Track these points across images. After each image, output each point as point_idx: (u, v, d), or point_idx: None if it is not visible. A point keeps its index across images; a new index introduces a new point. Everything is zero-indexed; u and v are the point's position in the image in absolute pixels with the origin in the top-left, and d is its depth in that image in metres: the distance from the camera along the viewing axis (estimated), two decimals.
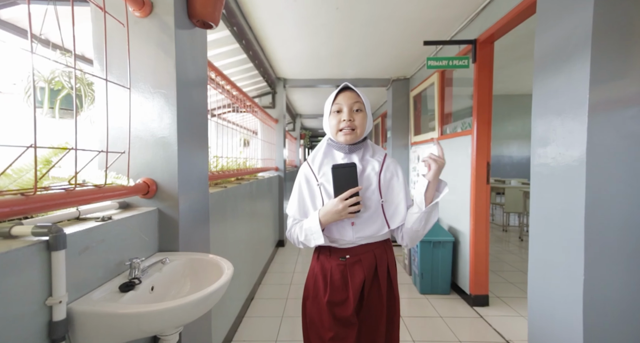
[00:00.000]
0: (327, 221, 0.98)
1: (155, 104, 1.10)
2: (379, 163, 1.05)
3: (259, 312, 2.44)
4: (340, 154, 1.07)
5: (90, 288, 0.80)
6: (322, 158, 1.08)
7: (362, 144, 1.07)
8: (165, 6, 1.09)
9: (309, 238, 1.01)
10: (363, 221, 1.02)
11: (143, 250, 1.02)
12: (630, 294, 1.12)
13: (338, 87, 1.05)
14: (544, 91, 1.34)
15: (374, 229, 1.02)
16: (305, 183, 1.08)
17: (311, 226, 1.00)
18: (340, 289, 1.04)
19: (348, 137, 1.01)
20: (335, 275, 1.04)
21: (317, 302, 1.07)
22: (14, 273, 0.60)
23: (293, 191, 1.11)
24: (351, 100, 1.01)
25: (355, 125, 1.01)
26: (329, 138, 1.09)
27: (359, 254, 1.04)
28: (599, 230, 1.12)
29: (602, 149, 1.11)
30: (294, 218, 1.09)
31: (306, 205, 1.07)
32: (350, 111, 1.01)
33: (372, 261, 1.05)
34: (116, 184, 0.94)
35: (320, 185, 1.05)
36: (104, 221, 0.85)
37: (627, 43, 1.08)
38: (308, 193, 1.07)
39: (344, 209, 0.95)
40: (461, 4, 2.26)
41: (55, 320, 0.67)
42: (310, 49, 3.18)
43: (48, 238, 0.66)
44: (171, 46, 1.10)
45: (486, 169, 2.45)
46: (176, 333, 0.94)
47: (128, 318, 0.74)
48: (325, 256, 1.08)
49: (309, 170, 1.08)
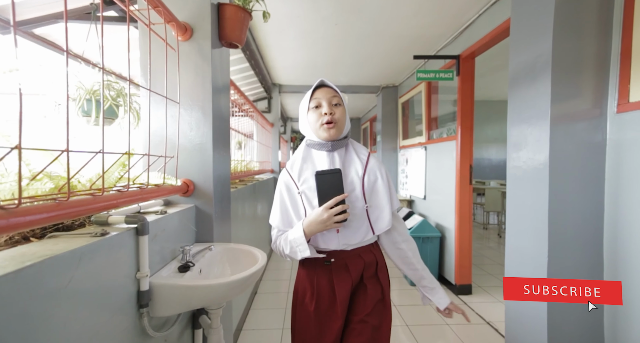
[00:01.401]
0: (312, 231, 0.92)
1: (193, 115, 1.28)
2: (362, 164, 0.99)
3: (263, 304, 2.62)
4: (321, 154, 0.99)
5: (158, 267, 0.98)
6: (302, 163, 1.00)
7: (344, 141, 1.00)
8: (203, 31, 1.28)
9: (294, 251, 0.94)
10: (348, 229, 0.96)
11: (188, 240, 1.20)
12: (585, 271, 1.39)
13: (315, 84, 1.00)
14: (517, 104, 1.60)
15: (360, 235, 0.97)
16: (287, 192, 1.00)
17: (296, 238, 0.93)
18: (327, 297, 0.99)
19: (332, 131, 0.95)
20: (322, 281, 0.99)
21: (304, 309, 1.02)
22: (118, 250, 0.78)
23: (274, 201, 1.03)
24: (329, 94, 0.97)
25: (337, 118, 0.95)
26: (307, 140, 1.02)
27: (344, 257, 0.98)
28: (559, 221, 1.38)
29: (562, 155, 1.37)
30: (278, 229, 1.02)
31: (289, 215, 0.99)
32: (330, 104, 0.96)
33: (359, 266, 0.99)
34: (167, 184, 1.12)
35: (301, 193, 0.97)
36: (162, 215, 1.03)
37: (580, 70, 1.35)
38: (290, 202, 0.99)
39: (329, 218, 0.88)
40: (445, 24, 2.53)
41: (142, 290, 0.85)
42: (307, 59, 3.40)
43: (137, 225, 0.84)
44: (207, 65, 1.29)
45: (469, 171, 2.72)
46: (219, 309, 1.13)
47: (190, 290, 0.93)
48: (309, 260, 1.01)
49: (289, 178, 1.00)
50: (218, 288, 0.95)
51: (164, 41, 1.09)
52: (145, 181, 0.97)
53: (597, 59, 1.35)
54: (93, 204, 0.70)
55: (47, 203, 0.59)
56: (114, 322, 0.76)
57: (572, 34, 1.35)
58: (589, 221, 1.38)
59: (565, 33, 1.34)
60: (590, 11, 1.34)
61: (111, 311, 0.75)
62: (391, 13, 2.35)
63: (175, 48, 1.19)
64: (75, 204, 0.64)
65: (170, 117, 1.24)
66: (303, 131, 1.03)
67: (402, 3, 2.20)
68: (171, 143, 1.25)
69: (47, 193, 0.65)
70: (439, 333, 2.17)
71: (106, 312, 0.73)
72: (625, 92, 1.26)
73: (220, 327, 1.14)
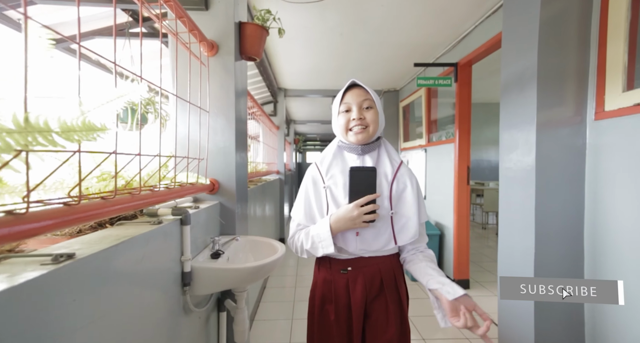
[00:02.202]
0: (339, 228, 0.89)
1: (219, 121, 1.44)
2: (393, 170, 0.95)
3: (272, 298, 2.77)
4: (352, 156, 0.97)
5: (195, 254, 1.14)
6: (331, 160, 0.99)
7: (376, 144, 0.97)
8: (228, 48, 1.44)
9: (316, 246, 0.91)
10: (369, 233, 0.92)
11: (215, 232, 1.36)
12: (567, 265, 1.54)
13: (346, 85, 0.97)
14: (508, 111, 1.76)
15: (380, 243, 0.93)
16: (312, 186, 0.99)
17: (320, 233, 0.90)
18: (345, 306, 0.96)
19: (359, 136, 0.92)
20: (340, 290, 0.96)
21: (325, 317, 0.98)
22: (169, 237, 0.94)
23: (299, 194, 1.02)
24: (360, 97, 0.93)
25: (367, 122, 0.92)
26: (339, 141, 1.01)
27: (361, 267, 0.95)
28: (544, 218, 1.53)
29: (546, 158, 1.53)
30: (299, 224, 1.00)
31: (312, 210, 0.97)
32: (360, 108, 0.93)
33: (376, 277, 0.95)
34: (199, 183, 1.28)
35: (326, 188, 0.96)
36: (196, 209, 1.19)
37: (562, 82, 1.51)
38: (314, 196, 0.98)
39: (358, 216, 0.86)
40: (444, 34, 2.69)
41: (185, 271, 1.01)
42: (312, 65, 3.56)
43: (181, 216, 1.00)
44: (231, 77, 1.45)
45: (466, 173, 2.88)
46: (244, 292, 1.29)
47: (223, 273, 1.09)
48: (325, 268, 0.99)
49: (317, 171, 0.99)
50: (245, 271, 1.11)
51: (199, 60, 1.25)
52: (183, 180, 1.13)
53: (577, 72, 1.51)
54: (150, 199, 0.86)
55: (123, 197, 0.75)
56: (165, 297, 0.92)
57: (555, 50, 1.51)
58: (571, 218, 1.54)
59: (549, 49, 1.50)
60: (571, 30, 1.50)
61: (164, 287, 0.91)
62: (393, 24, 2.52)
63: (206, 64, 1.35)
64: (142, 198, 0.80)
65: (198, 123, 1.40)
66: (335, 132, 1.01)
67: (404, 15, 2.37)
68: (201, 146, 1.41)
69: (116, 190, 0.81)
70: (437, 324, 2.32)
71: (160, 287, 0.89)
72: (601, 102, 1.42)
73: (245, 308, 1.29)
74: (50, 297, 0.49)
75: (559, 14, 1.49)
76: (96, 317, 0.60)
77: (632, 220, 1.30)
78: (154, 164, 0.94)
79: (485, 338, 0.78)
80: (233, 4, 1.45)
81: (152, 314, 0.84)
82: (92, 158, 0.73)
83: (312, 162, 1.08)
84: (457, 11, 2.31)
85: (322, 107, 5.83)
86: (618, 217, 1.36)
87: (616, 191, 1.36)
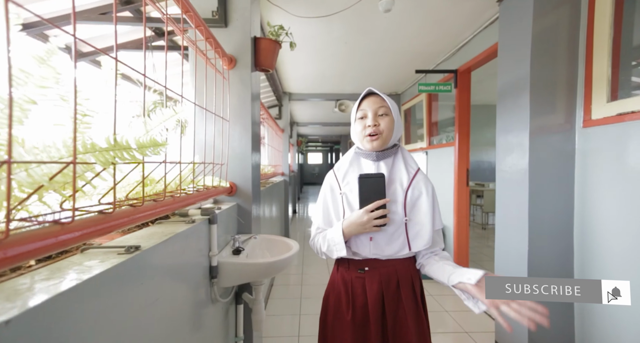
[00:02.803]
0: (351, 233, 0.93)
1: (236, 129, 1.57)
2: (409, 177, 0.97)
3: (280, 295, 2.90)
4: (368, 163, 1.00)
5: (218, 250, 1.26)
6: (348, 167, 1.03)
7: (391, 151, 0.99)
8: (245, 61, 1.57)
9: (331, 249, 0.97)
10: (383, 238, 0.95)
11: (233, 231, 1.49)
12: (558, 260, 1.66)
13: (362, 93, 1.00)
14: (504, 117, 1.88)
15: (394, 249, 0.95)
16: (330, 192, 1.04)
17: (334, 237, 0.95)
18: (362, 307, 0.97)
19: (375, 143, 0.95)
20: (357, 290, 0.98)
21: (340, 317, 1.00)
22: (200, 234, 1.06)
23: (318, 199, 1.08)
24: (376, 105, 0.96)
25: (381, 130, 0.95)
26: (356, 147, 1.05)
27: (378, 267, 0.97)
28: (537, 217, 1.66)
29: (539, 161, 1.65)
30: (318, 227, 1.05)
31: (330, 215, 1.03)
32: (375, 115, 0.96)
33: (393, 277, 0.97)
34: (220, 186, 1.40)
35: (342, 194, 1.00)
36: (219, 210, 1.31)
37: (553, 92, 1.63)
38: (332, 202, 1.03)
39: (368, 221, 0.89)
40: (444, 42, 2.82)
41: (213, 265, 1.14)
42: (316, 71, 3.69)
43: (209, 216, 1.12)
44: (247, 88, 1.58)
45: (466, 174, 3.00)
46: (261, 285, 1.41)
47: (245, 267, 1.21)
48: (344, 268, 1.03)
49: (334, 179, 1.04)
50: (264, 266, 1.23)
51: (222, 75, 1.38)
52: (209, 184, 1.26)
53: (567, 82, 1.63)
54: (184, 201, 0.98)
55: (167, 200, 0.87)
56: (196, 287, 1.04)
57: (546, 62, 1.64)
58: (562, 218, 1.66)
59: (541, 61, 1.62)
60: (561, 44, 1.62)
61: (195, 279, 1.03)
62: (395, 33, 2.65)
63: (226, 77, 1.48)
64: (179, 200, 0.92)
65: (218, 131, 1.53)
66: (353, 139, 1.05)
67: (406, 25, 2.49)
68: (221, 152, 1.54)
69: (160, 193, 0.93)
70: (439, 319, 2.44)
71: (193, 278, 1.01)
72: (588, 111, 1.54)
73: (262, 300, 1.42)
74: (128, 279, 0.61)
75: (549, 29, 1.61)
76: (155, 299, 0.72)
77: (616, 219, 1.42)
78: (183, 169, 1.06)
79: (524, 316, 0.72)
80: (250, 21, 1.57)
81: (186, 302, 0.96)
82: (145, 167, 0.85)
83: (314, 164, 1.17)
84: (455, 22, 2.43)
85: (325, 109, 5.96)
86: (604, 217, 1.48)
87: (602, 193, 1.49)
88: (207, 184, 1.29)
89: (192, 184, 1.13)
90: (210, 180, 1.35)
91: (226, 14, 1.54)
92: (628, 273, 1.36)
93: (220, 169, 1.42)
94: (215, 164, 1.31)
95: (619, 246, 1.41)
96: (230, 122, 1.55)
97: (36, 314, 0.40)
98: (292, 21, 2.29)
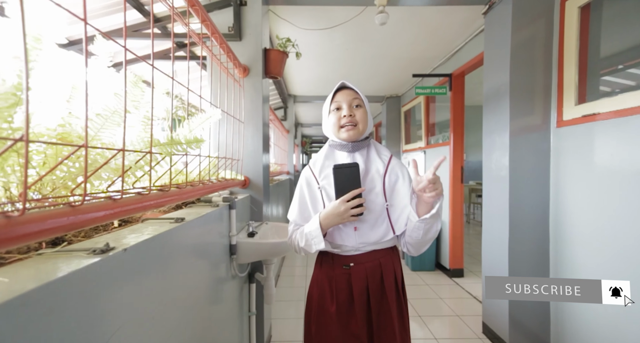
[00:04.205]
0: (329, 224, 0.92)
1: (249, 129, 1.79)
2: (384, 164, 1.00)
3: (286, 284, 3.11)
4: (343, 154, 1.01)
5: (236, 232, 1.48)
6: (324, 161, 1.03)
7: (365, 142, 1.01)
8: (257, 70, 1.79)
9: (309, 243, 0.95)
10: (367, 226, 0.96)
11: (247, 218, 1.71)
12: (535, 246, 1.85)
13: (336, 86, 1.02)
14: (488, 119, 2.08)
15: (379, 234, 0.96)
16: (307, 187, 1.03)
17: (311, 231, 0.94)
18: (346, 300, 0.98)
19: (351, 132, 0.96)
20: (341, 284, 0.99)
21: (324, 313, 1.00)
22: (222, 217, 1.28)
23: (294, 196, 1.07)
24: (350, 97, 0.98)
25: (357, 120, 0.97)
26: (330, 141, 1.05)
27: (363, 262, 0.98)
28: (517, 209, 1.85)
29: (518, 158, 1.84)
30: (295, 224, 1.04)
31: (307, 210, 1.02)
32: (350, 106, 0.97)
33: (377, 270, 0.98)
34: (237, 179, 1.62)
35: (321, 188, 0.99)
36: (236, 199, 1.53)
37: (531, 96, 1.83)
38: (309, 197, 1.02)
39: (345, 211, 0.89)
40: (438, 49, 3.02)
41: (232, 244, 1.36)
42: (320, 74, 3.91)
43: (229, 203, 1.34)
44: (258, 93, 1.80)
45: (460, 172, 3.19)
46: (272, 264, 1.63)
47: (258, 246, 1.43)
48: (328, 265, 1.02)
49: (310, 173, 1.03)
50: (272, 245, 1.45)
51: (238, 84, 1.60)
52: (227, 176, 1.48)
53: (543, 88, 1.82)
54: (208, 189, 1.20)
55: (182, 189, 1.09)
56: (218, 262, 1.26)
57: (524, 70, 1.83)
58: (538, 209, 1.85)
59: (519, 69, 1.82)
60: (538, 54, 1.82)
61: (218, 255, 1.25)
62: (392, 41, 2.85)
63: (241, 84, 1.70)
64: (205, 188, 1.14)
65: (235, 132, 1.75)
66: (326, 133, 1.05)
67: (402, 34, 2.70)
68: (236, 150, 1.76)
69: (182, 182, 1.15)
70: (435, 305, 2.64)
71: (216, 254, 1.23)
72: (560, 113, 1.73)
73: (272, 277, 1.63)
74: (177, 240, 0.83)
75: (527, 41, 1.81)
76: (192, 266, 0.94)
77: (585, 208, 1.61)
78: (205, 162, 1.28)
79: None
80: (260, 34, 1.79)
81: (212, 274, 1.18)
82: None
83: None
84: (448, 31, 2.63)
85: None
86: (575, 206, 1.67)
87: (573, 185, 1.68)
88: (225, 176, 1.51)
89: (215, 176, 1.35)
90: (228, 173, 1.57)
91: (240, 29, 1.77)
92: (593, 252, 1.55)
93: (237, 164, 1.64)
94: (234, 159, 1.53)
95: (587, 230, 1.60)
96: (244, 124, 1.77)
97: (144, 245, 0.63)
98: (298, 32, 2.51)
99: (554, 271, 1.81)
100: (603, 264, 1.51)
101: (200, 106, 1.11)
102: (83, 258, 0.53)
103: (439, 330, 2.23)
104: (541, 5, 1.79)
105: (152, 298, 0.69)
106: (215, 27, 1.23)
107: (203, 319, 1.04)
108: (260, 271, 1.71)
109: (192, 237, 0.95)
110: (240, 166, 1.68)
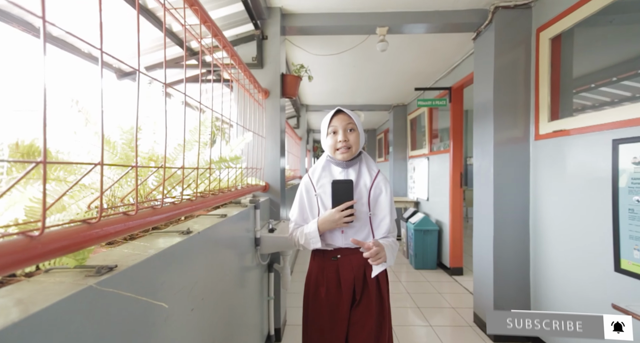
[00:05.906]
0: (324, 228, 1.14)
1: (269, 142, 2.12)
2: (371, 178, 1.19)
3: (299, 278, 3.42)
4: (337, 169, 1.21)
5: (260, 228, 1.81)
6: (321, 172, 1.23)
7: (357, 158, 1.21)
8: (275, 92, 2.13)
9: (308, 242, 1.17)
10: (352, 231, 1.17)
11: (267, 217, 2.04)
12: (517, 243, 2.11)
13: (332, 111, 1.20)
14: (478, 132, 2.35)
15: (361, 238, 1.17)
16: (306, 193, 1.24)
17: (310, 232, 1.16)
18: (335, 287, 1.19)
19: (345, 155, 1.17)
20: (331, 274, 1.19)
21: (317, 298, 1.21)
22: (249, 215, 1.61)
23: (295, 199, 1.28)
24: (344, 122, 1.16)
25: (350, 144, 1.16)
26: (328, 155, 1.24)
27: (348, 254, 1.19)
28: (500, 211, 2.11)
29: (501, 166, 2.11)
30: (296, 223, 1.26)
31: (306, 212, 1.24)
32: (345, 131, 1.16)
33: (360, 262, 1.16)
34: (259, 185, 1.95)
35: (317, 195, 1.20)
36: (260, 201, 1.86)
37: (513, 111, 2.10)
38: (307, 201, 1.23)
39: (340, 219, 1.11)
40: (438, 65, 3.30)
41: (257, 237, 1.68)
42: (330, 87, 4.24)
43: (255, 204, 1.67)
44: (277, 111, 2.13)
45: (459, 177, 3.45)
46: (288, 255, 1.94)
47: (277, 240, 1.75)
48: (320, 257, 1.23)
49: (309, 181, 1.24)
50: (283, 238, 1.77)
51: (261, 106, 1.94)
52: (251, 183, 1.81)
53: (523, 105, 2.09)
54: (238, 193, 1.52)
55: (225, 193, 1.42)
56: (245, 252, 1.58)
57: (506, 90, 2.11)
58: (519, 209, 2.11)
59: (502, 88, 2.10)
60: (518, 76, 2.09)
61: (245, 246, 1.58)
62: (396, 59, 3.16)
63: (263, 105, 2.04)
64: (236, 193, 1.47)
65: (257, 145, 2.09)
66: (324, 148, 1.25)
67: (404, 53, 3.00)
68: (259, 160, 2.09)
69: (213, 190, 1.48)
70: (434, 299, 2.90)
71: (244, 246, 1.56)
72: (537, 128, 2.00)
73: (288, 266, 1.95)
74: (221, 233, 1.16)
75: (508, 64, 2.09)
76: (230, 251, 1.27)
77: (558, 210, 1.87)
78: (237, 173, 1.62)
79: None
80: (279, 62, 2.13)
81: (239, 263, 1.50)
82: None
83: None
84: (446, 50, 2.92)
85: None
86: (549, 209, 1.93)
87: (547, 191, 1.94)
88: (250, 183, 1.85)
89: (244, 182, 1.68)
90: (252, 180, 1.91)
91: (262, 59, 2.11)
92: (563, 244, 1.80)
93: (259, 172, 1.97)
94: (255, 169, 1.87)
95: (560, 228, 1.85)
96: (265, 138, 2.11)
97: (208, 230, 0.96)
98: (310, 56, 2.84)
99: (533, 264, 2.06)
100: (572, 254, 1.76)
101: (229, 123, 1.44)
102: (176, 236, 0.86)
103: (434, 319, 2.49)
104: (520, 34, 2.07)
105: (210, 267, 1.02)
106: (241, 61, 1.57)
107: (232, 297, 1.36)
108: (278, 262, 2.03)
109: (231, 229, 1.28)
110: (262, 173, 2.01)
